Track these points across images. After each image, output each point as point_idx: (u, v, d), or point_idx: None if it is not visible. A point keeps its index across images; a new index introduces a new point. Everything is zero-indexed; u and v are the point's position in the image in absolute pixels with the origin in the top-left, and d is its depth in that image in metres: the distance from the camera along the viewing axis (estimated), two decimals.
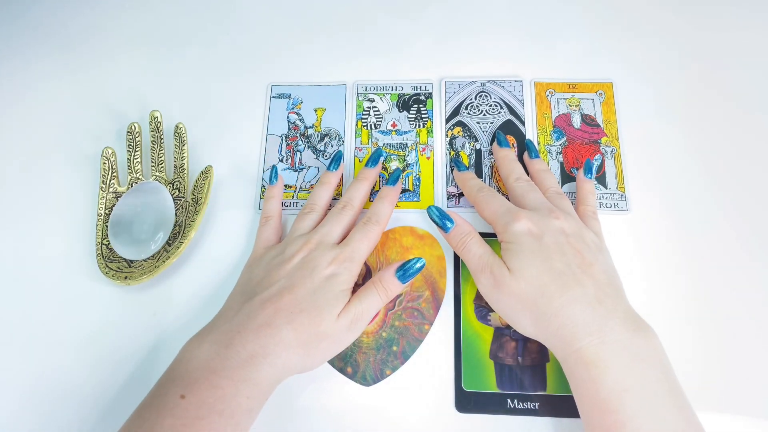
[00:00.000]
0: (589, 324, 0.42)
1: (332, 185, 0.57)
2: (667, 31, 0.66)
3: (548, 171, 0.56)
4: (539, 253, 0.46)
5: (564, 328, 0.43)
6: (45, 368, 0.52)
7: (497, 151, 0.58)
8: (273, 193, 0.57)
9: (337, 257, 0.49)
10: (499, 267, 0.47)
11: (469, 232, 0.50)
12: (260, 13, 0.70)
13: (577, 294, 0.44)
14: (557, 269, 0.45)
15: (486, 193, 0.53)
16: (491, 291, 0.47)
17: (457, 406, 0.49)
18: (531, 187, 0.53)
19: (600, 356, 0.41)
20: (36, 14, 0.71)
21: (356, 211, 0.54)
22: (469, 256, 0.50)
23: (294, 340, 0.44)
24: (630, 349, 0.41)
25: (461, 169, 0.57)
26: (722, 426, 0.48)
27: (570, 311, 0.43)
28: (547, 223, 0.48)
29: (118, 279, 0.54)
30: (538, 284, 0.45)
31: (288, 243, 0.51)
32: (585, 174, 0.56)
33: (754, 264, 0.54)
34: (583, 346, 0.42)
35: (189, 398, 0.41)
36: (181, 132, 0.59)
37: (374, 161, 0.58)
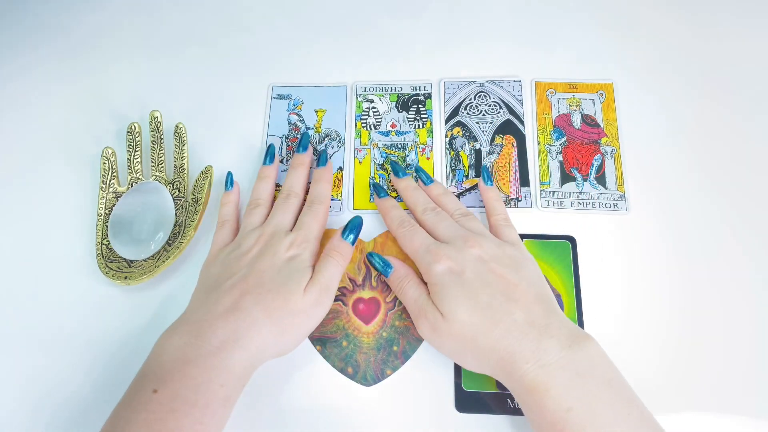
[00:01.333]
0: (524, 351, 0.42)
1: (271, 178, 0.57)
2: (668, 33, 0.66)
3: (447, 193, 0.56)
4: (463, 290, 0.46)
5: (503, 361, 0.43)
6: (45, 368, 0.52)
7: (396, 182, 0.57)
8: (229, 199, 0.57)
9: (294, 241, 0.50)
10: (433, 311, 0.47)
11: (405, 276, 0.51)
12: (261, 13, 0.70)
13: (507, 325, 0.44)
14: (484, 302, 0.45)
15: (407, 229, 0.52)
16: (431, 336, 0.48)
17: (457, 406, 0.49)
18: (439, 217, 0.53)
19: (539, 380, 0.41)
20: (36, 15, 0.71)
21: (300, 197, 0.56)
22: (405, 299, 0.50)
23: (265, 319, 0.45)
24: (567, 367, 0.41)
25: (381, 195, 0.57)
26: (722, 428, 0.48)
27: (504, 343, 0.43)
28: (464, 255, 0.48)
29: (118, 279, 0.53)
30: (469, 323, 0.44)
31: (242, 238, 0.52)
32: (485, 182, 0.56)
33: (753, 264, 0.54)
34: (523, 374, 0.42)
35: (162, 391, 0.41)
36: (181, 132, 0.59)
37: (304, 146, 0.59)
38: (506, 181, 0.59)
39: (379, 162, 0.60)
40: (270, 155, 0.58)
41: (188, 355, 0.42)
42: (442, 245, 0.49)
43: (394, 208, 0.55)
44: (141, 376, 0.43)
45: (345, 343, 0.52)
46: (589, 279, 0.53)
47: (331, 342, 0.52)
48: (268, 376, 0.50)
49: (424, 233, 0.52)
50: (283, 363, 0.50)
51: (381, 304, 0.53)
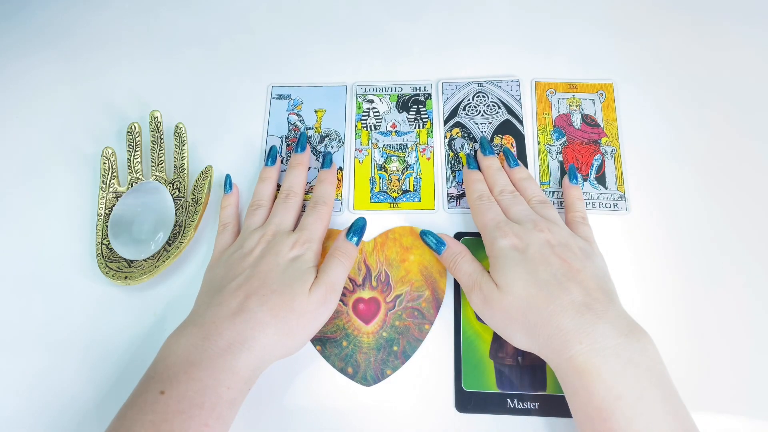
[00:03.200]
0: (578, 331, 0.42)
1: (273, 179, 0.57)
2: (668, 33, 0.66)
3: (529, 179, 0.56)
4: (524, 265, 0.46)
5: (554, 338, 0.42)
6: (45, 368, 0.52)
7: (481, 159, 0.58)
8: (229, 201, 0.57)
9: (297, 241, 0.50)
10: (487, 283, 0.47)
11: (459, 252, 0.51)
12: (261, 14, 0.70)
13: (564, 302, 0.43)
14: (543, 279, 0.45)
15: (483, 203, 0.53)
16: (482, 308, 0.47)
17: (457, 406, 0.49)
18: (515, 200, 0.53)
19: (591, 364, 0.40)
20: (37, 15, 0.71)
21: (300, 197, 0.56)
22: (459, 274, 0.50)
23: (270, 320, 0.45)
24: (622, 355, 0.41)
25: (471, 166, 0.57)
26: (721, 428, 0.48)
27: (558, 320, 0.43)
28: (531, 236, 0.48)
29: (118, 279, 0.53)
30: (525, 296, 0.44)
31: (244, 239, 0.52)
32: (570, 180, 0.56)
33: (753, 264, 0.54)
34: (574, 355, 0.41)
35: (169, 393, 0.41)
36: (181, 132, 0.59)
37: (302, 146, 0.59)
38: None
39: (380, 162, 0.60)
40: (272, 156, 0.58)
41: (195, 358, 0.42)
42: (512, 223, 0.49)
43: (478, 181, 0.55)
44: (148, 378, 0.43)
45: (345, 343, 0.52)
46: None
47: (331, 342, 0.52)
48: (268, 376, 0.50)
49: (499, 210, 0.52)
50: (284, 363, 0.50)
51: (381, 304, 0.53)
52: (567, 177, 0.56)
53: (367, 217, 0.56)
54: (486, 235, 0.50)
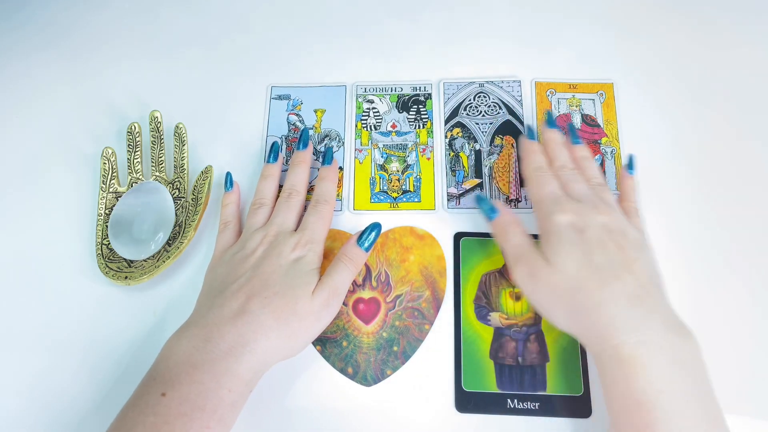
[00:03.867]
0: (628, 321, 0.41)
1: (275, 177, 0.57)
2: (668, 33, 0.66)
3: (591, 159, 0.55)
4: (580, 246, 0.45)
5: (600, 324, 0.42)
6: (45, 368, 0.52)
7: (545, 131, 0.56)
8: (230, 199, 0.57)
9: (299, 241, 0.50)
10: (536, 258, 0.46)
11: (512, 222, 0.50)
12: (260, 14, 0.70)
13: (616, 290, 0.42)
14: (597, 263, 0.44)
15: (540, 175, 0.52)
16: (526, 281, 0.47)
17: (457, 406, 0.49)
18: (576, 177, 0.52)
19: (637, 355, 0.40)
20: (37, 15, 0.71)
21: (302, 196, 0.55)
22: (507, 245, 0.49)
23: (272, 323, 0.44)
24: (668, 352, 0.40)
25: (531, 137, 0.56)
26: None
27: (608, 307, 0.42)
28: (591, 217, 0.47)
29: (118, 279, 0.53)
30: (576, 277, 0.44)
31: (246, 239, 0.52)
32: (627, 170, 0.55)
33: (753, 263, 0.54)
34: (620, 343, 0.40)
35: (170, 395, 0.41)
36: (181, 132, 0.59)
37: (304, 143, 0.58)
38: (506, 182, 0.58)
39: (380, 162, 0.60)
40: (273, 153, 0.58)
41: (196, 360, 0.42)
42: (572, 200, 0.48)
43: (537, 152, 0.54)
44: (149, 379, 0.43)
45: (345, 344, 0.52)
46: None
47: (331, 342, 0.52)
48: (268, 376, 0.50)
49: (558, 185, 0.50)
50: (284, 363, 0.50)
51: (381, 304, 0.53)
52: (625, 166, 0.56)
53: (367, 217, 0.57)
54: (542, 207, 0.49)
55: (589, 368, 0.50)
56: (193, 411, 0.40)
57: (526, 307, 0.53)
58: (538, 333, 0.51)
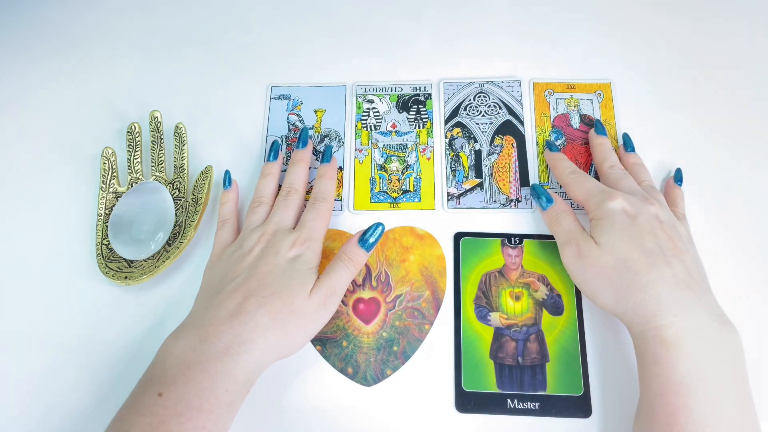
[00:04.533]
0: (675, 304, 0.42)
1: (275, 176, 0.57)
2: (666, 32, 0.66)
3: (643, 165, 0.56)
4: (631, 230, 0.46)
5: (646, 304, 0.42)
6: (45, 368, 0.52)
7: (594, 137, 0.58)
8: (228, 197, 0.56)
9: (297, 239, 0.50)
10: (585, 240, 0.47)
11: (565, 210, 0.51)
12: (260, 14, 0.70)
13: (665, 274, 0.43)
14: (648, 248, 0.45)
15: (579, 175, 0.53)
16: (574, 261, 0.48)
17: (457, 406, 0.49)
18: (625, 175, 0.53)
19: (682, 338, 0.41)
20: (37, 15, 0.71)
21: (301, 194, 0.55)
22: (559, 230, 0.50)
23: (269, 323, 0.44)
24: (712, 340, 0.41)
25: (553, 150, 0.57)
26: None
27: (656, 288, 0.43)
28: (642, 206, 0.48)
29: (118, 279, 0.53)
30: (625, 258, 0.44)
31: (244, 237, 0.51)
32: (675, 181, 0.56)
33: (753, 262, 0.54)
34: (665, 325, 0.41)
35: (167, 395, 0.41)
36: (181, 132, 0.59)
37: (303, 142, 0.58)
38: (506, 182, 0.59)
39: (380, 162, 0.60)
40: (273, 152, 0.58)
41: (193, 360, 0.42)
42: (621, 191, 0.49)
43: (564, 159, 0.56)
44: (146, 380, 0.43)
45: (345, 344, 0.52)
46: None
47: (331, 342, 0.52)
48: (268, 376, 0.49)
49: (596, 181, 0.52)
50: (283, 363, 0.50)
51: (381, 304, 0.53)
52: (672, 178, 0.57)
53: (366, 217, 0.57)
54: (591, 199, 0.50)
55: (589, 368, 0.50)
56: (190, 411, 0.40)
57: (525, 307, 0.53)
58: (538, 333, 0.51)
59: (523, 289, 0.53)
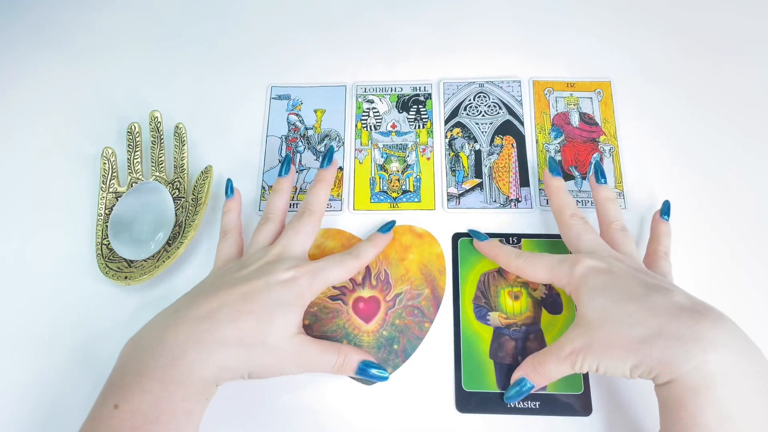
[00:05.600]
0: (700, 340, 0.38)
1: (286, 191, 0.55)
2: (666, 30, 0.66)
3: (614, 201, 0.52)
4: (612, 284, 0.43)
5: (670, 349, 0.38)
6: (45, 368, 0.52)
7: (549, 179, 0.53)
8: (230, 207, 0.55)
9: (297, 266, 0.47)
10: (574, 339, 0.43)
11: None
12: (260, 13, 0.70)
13: (670, 306, 0.40)
14: (638, 293, 0.41)
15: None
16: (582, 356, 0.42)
17: (458, 406, 0.49)
18: (586, 228, 0.49)
19: (705, 381, 0.37)
20: (37, 15, 0.72)
21: (317, 216, 0.52)
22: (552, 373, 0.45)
23: (234, 340, 0.42)
24: (737, 373, 0.37)
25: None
26: None
27: (671, 328, 0.39)
28: (611, 260, 0.45)
29: (118, 279, 0.54)
30: (623, 315, 0.41)
31: (248, 256, 0.49)
32: (662, 215, 0.53)
33: (752, 260, 0.55)
34: (689, 371, 0.37)
35: (122, 407, 0.39)
36: (181, 132, 0.59)
37: (329, 160, 0.55)
38: (506, 182, 0.59)
39: (380, 162, 0.60)
40: (286, 165, 0.55)
41: (147, 366, 0.40)
42: (582, 250, 0.47)
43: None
44: (105, 388, 0.41)
45: (345, 343, 0.52)
46: None
47: (331, 341, 0.51)
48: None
49: (546, 255, 0.49)
50: None
51: (381, 303, 0.53)
52: (659, 211, 0.54)
53: (367, 217, 0.57)
54: (555, 276, 0.46)
55: None
56: (146, 424, 0.38)
57: (524, 306, 0.53)
58: (537, 332, 0.52)
59: (521, 288, 0.53)
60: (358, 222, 0.57)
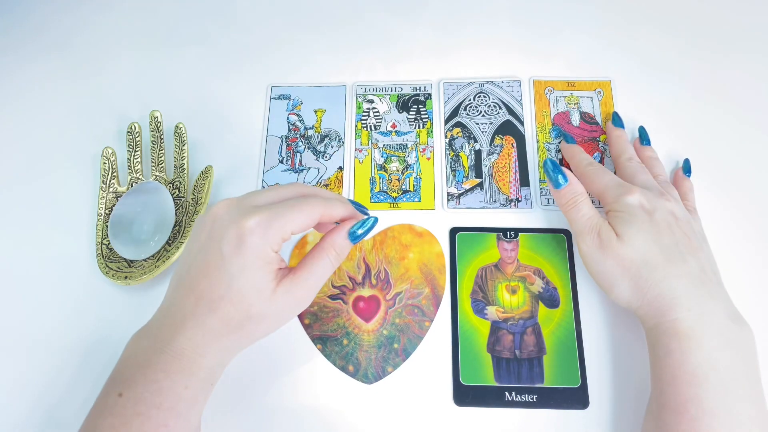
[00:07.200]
0: (690, 299, 0.45)
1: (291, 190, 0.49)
2: (666, 30, 0.68)
3: (658, 159, 0.58)
4: (649, 226, 0.48)
5: (662, 298, 0.45)
6: (45, 368, 0.54)
7: (611, 129, 0.60)
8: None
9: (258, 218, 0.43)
10: (607, 230, 0.49)
11: (582, 193, 0.52)
12: (260, 13, 0.71)
13: (681, 270, 0.46)
14: (665, 243, 0.47)
15: (597, 167, 0.54)
16: (594, 252, 0.49)
17: (456, 400, 0.51)
18: (642, 169, 0.55)
19: (695, 331, 0.43)
20: (36, 14, 0.73)
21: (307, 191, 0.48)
22: (577, 216, 0.51)
23: (222, 329, 0.42)
24: (725, 334, 0.44)
25: (569, 141, 0.59)
26: None
27: (672, 283, 0.45)
28: (658, 202, 0.50)
29: (118, 279, 0.55)
30: (644, 252, 0.47)
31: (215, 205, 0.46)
32: (684, 172, 0.59)
33: (752, 260, 0.56)
34: (680, 318, 0.44)
35: (126, 395, 0.41)
36: (181, 132, 0.60)
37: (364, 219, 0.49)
38: (506, 182, 0.60)
39: (380, 162, 0.62)
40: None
41: (152, 360, 0.42)
42: (637, 186, 0.51)
43: (581, 152, 0.57)
44: (109, 381, 0.43)
45: (345, 342, 0.53)
46: (584, 272, 0.55)
47: (331, 340, 0.54)
48: (268, 375, 0.52)
49: (613, 174, 0.53)
50: (284, 362, 0.52)
51: (381, 302, 0.55)
52: (681, 169, 0.59)
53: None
54: (608, 192, 0.51)
55: (585, 360, 0.52)
56: (149, 410, 0.40)
57: (522, 301, 0.54)
58: (534, 326, 0.53)
59: (519, 282, 0.55)
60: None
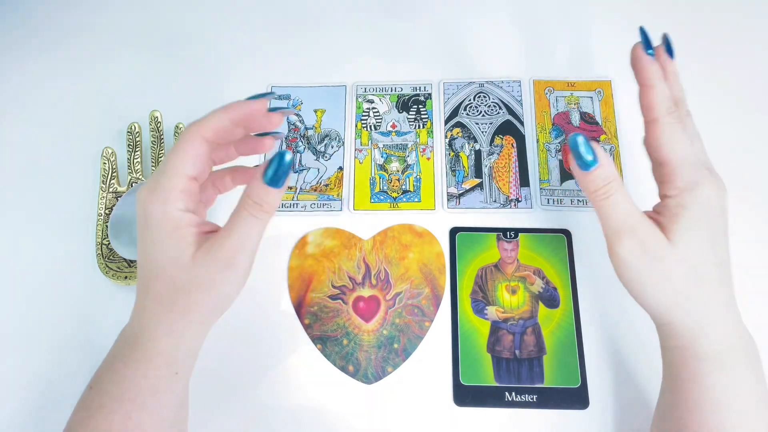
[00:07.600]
0: (726, 323, 0.41)
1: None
2: (666, 30, 0.65)
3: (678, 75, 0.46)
4: (713, 231, 0.40)
5: (700, 319, 0.40)
6: (45, 368, 0.54)
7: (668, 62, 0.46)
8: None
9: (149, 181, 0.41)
10: (652, 232, 0.40)
11: (616, 178, 0.41)
12: (260, 13, 0.72)
13: (727, 295, 0.41)
14: (720, 259, 0.40)
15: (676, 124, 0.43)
16: (636, 257, 0.40)
17: (456, 400, 0.52)
18: (696, 134, 0.44)
19: (725, 355, 0.40)
20: (36, 14, 0.74)
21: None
22: (614, 210, 0.41)
23: (158, 307, 0.41)
24: (746, 352, 0.41)
25: (649, 51, 0.45)
26: None
27: (714, 307, 0.40)
28: (721, 196, 0.41)
29: (118, 279, 0.56)
30: (700, 267, 0.40)
31: None
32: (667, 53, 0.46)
33: (751, 260, 0.56)
34: (712, 341, 0.40)
35: (95, 388, 0.42)
36: (181, 132, 0.60)
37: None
38: (506, 182, 0.61)
39: (380, 162, 0.63)
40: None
41: (116, 351, 0.43)
42: (709, 172, 0.41)
43: (662, 81, 0.44)
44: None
45: (345, 342, 0.54)
46: (584, 272, 0.56)
47: (331, 341, 0.54)
48: (268, 374, 0.53)
49: (698, 146, 0.43)
50: (284, 361, 0.53)
51: (381, 302, 0.56)
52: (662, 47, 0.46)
53: (367, 218, 0.59)
54: (680, 174, 0.41)
55: (585, 360, 0.53)
56: (112, 402, 0.40)
57: (522, 301, 0.55)
58: (534, 326, 0.54)
59: (519, 282, 0.56)
60: (358, 222, 0.59)
